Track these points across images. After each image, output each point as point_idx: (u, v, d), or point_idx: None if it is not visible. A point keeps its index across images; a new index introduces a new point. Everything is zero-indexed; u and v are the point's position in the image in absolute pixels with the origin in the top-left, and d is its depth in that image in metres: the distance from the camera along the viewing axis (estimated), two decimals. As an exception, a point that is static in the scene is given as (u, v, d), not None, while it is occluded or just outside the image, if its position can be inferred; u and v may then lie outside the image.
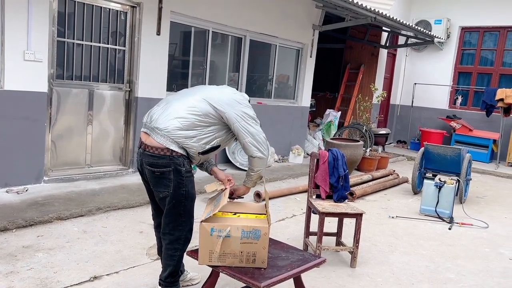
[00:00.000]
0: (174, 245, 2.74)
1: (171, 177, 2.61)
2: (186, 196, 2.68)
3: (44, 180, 5.09)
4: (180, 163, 2.62)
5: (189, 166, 2.69)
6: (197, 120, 2.62)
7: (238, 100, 2.70)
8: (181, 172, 2.63)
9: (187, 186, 2.67)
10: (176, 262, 2.77)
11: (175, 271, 2.80)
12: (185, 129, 2.61)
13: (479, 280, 3.71)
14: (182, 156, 2.63)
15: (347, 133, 9.31)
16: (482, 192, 7.38)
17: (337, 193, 3.94)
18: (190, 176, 2.70)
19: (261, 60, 8.26)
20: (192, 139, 2.62)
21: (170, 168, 2.61)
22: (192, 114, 2.62)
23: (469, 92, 11.49)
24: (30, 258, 3.35)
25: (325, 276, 3.49)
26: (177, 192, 2.64)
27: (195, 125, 2.62)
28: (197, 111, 2.63)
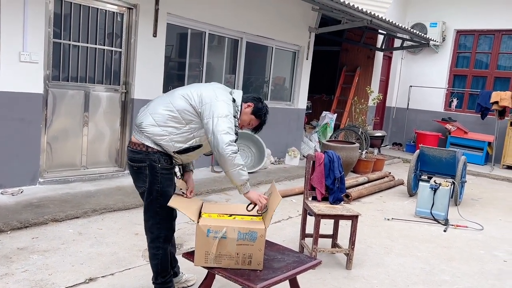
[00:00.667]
0: (155, 243, 2.75)
1: (147, 173, 2.63)
2: (161, 193, 2.65)
3: (40, 182, 5.07)
4: (156, 159, 2.61)
5: (167, 163, 2.64)
6: (171, 117, 2.60)
7: (214, 97, 2.60)
8: (156, 168, 2.61)
9: (162, 183, 2.64)
10: (160, 261, 2.76)
11: (162, 270, 2.79)
12: (158, 126, 2.60)
13: (474, 282, 3.73)
14: (158, 152, 2.61)
15: (343, 135, 9.33)
16: (477, 194, 7.42)
17: (333, 195, 3.94)
18: (166, 174, 2.65)
19: (257, 62, 8.27)
20: (164, 137, 2.59)
21: (145, 164, 2.62)
22: (167, 111, 2.61)
23: (464, 94, 11.55)
24: (25, 260, 3.33)
25: (321, 278, 3.50)
26: (152, 188, 2.65)
27: (169, 123, 2.60)
28: (172, 107, 2.61)
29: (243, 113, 2.77)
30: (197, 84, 2.89)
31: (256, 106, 2.80)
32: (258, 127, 2.88)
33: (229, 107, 2.61)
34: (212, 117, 2.54)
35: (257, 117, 2.81)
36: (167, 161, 2.64)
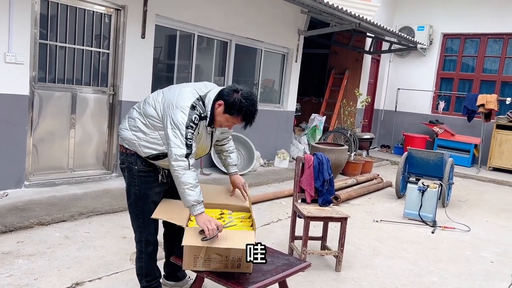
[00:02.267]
0: (138, 246, 2.77)
1: (126, 174, 2.66)
2: (139, 196, 2.61)
3: (25, 185, 4.99)
4: (132, 161, 2.59)
5: (144, 166, 2.58)
6: (141, 122, 2.55)
7: (173, 104, 2.41)
8: (132, 170, 2.60)
9: (140, 186, 2.60)
10: (144, 264, 2.74)
11: (146, 274, 2.76)
12: (129, 130, 2.59)
13: (461, 283, 3.76)
14: (136, 154, 2.59)
15: (332, 138, 9.37)
16: (464, 196, 7.50)
17: (322, 197, 3.95)
18: (144, 176, 2.59)
19: (246, 64, 8.27)
20: (134, 141, 2.55)
21: (124, 165, 2.65)
22: (139, 115, 2.58)
23: (451, 97, 11.69)
24: (10, 265, 3.27)
25: (310, 281, 3.49)
26: (130, 191, 2.65)
27: (139, 127, 2.55)
28: (142, 113, 2.57)
29: (216, 114, 2.48)
30: (169, 87, 2.66)
31: (227, 102, 2.43)
32: (245, 122, 2.48)
33: (184, 116, 2.36)
34: (167, 127, 2.40)
35: (231, 114, 2.44)
36: (145, 164, 2.59)
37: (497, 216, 6.31)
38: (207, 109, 2.47)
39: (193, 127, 2.39)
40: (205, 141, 2.61)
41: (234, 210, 2.84)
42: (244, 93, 2.44)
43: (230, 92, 2.46)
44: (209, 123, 2.51)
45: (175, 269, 3.02)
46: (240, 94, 2.44)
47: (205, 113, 2.47)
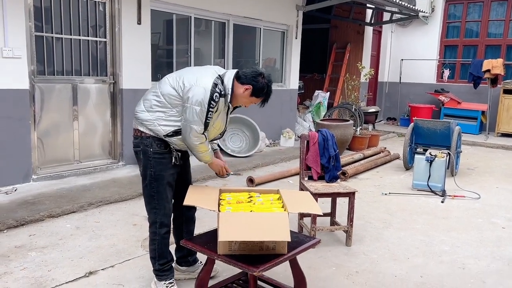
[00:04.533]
0: (152, 228, 2.79)
1: (141, 157, 2.72)
2: (155, 178, 2.69)
3: (33, 179, 5.02)
4: (148, 144, 2.67)
5: (159, 148, 2.67)
6: (157, 101, 2.64)
7: (194, 82, 2.55)
8: (148, 153, 2.68)
9: (155, 168, 2.68)
10: (157, 247, 2.77)
11: (159, 256, 2.79)
12: (147, 111, 2.67)
13: (473, 251, 3.75)
14: (151, 137, 2.67)
15: (336, 114, 9.30)
16: (473, 163, 7.44)
17: (329, 174, 3.93)
18: (159, 158, 2.68)
19: (246, 44, 8.16)
20: (153, 121, 2.65)
21: (139, 149, 2.72)
22: (154, 96, 2.67)
23: (456, 65, 11.51)
24: (23, 258, 3.31)
25: (321, 256, 3.50)
26: (146, 173, 2.72)
27: (156, 107, 2.64)
28: (158, 93, 2.66)
29: (240, 96, 2.65)
30: (187, 68, 2.86)
31: (256, 87, 2.64)
32: (265, 102, 2.76)
33: (206, 94, 2.51)
34: (187, 103, 2.54)
35: (259, 97, 2.70)
36: (160, 146, 2.67)
37: (507, 182, 6.26)
38: (227, 88, 2.61)
39: (213, 105, 2.54)
40: (222, 119, 2.73)
41: (262, 193, 2.82)
42: (267, 77, 2.68)
43: (255, 76, 2.64)
44: (230, 100, 2.66)
45: (187, 254, 3.04)
46: (264, 78, 2.66)
47: (225, 91, 2.60)
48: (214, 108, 2.55)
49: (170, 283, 2.82)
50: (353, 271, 3.28)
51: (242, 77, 2.64)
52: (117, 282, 3.00)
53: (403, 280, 3.17)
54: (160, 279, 2.82)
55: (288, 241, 2.47)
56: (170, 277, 2.83)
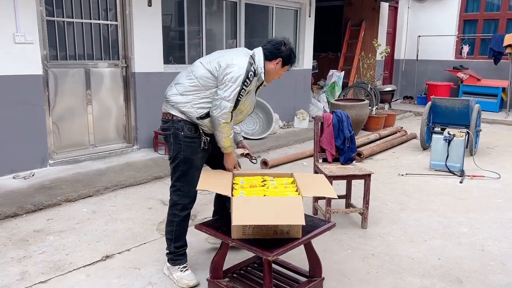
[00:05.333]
0: (172, 210, 2.81)
1: (171, 140, 2.74)
2: (184, 161, 2.72)
3: (50, 164, 5.08)
4: (179, 128, 2.70)
5: (190, 132, 2.71)
6: (192, 84, 2.68)
7: (230, 61, 2.63)
8: (179, 136, 2.71)
9: (185, 151, 2.71)
10: (175, 228, 2.78)
11: (175, 238, 2.80)
12: (180, 94, 2.70)
13: (492, 232, 3.67)
14: (182, 120, 2.70)
15: (352, 93, 9.14)
16: (493, 142, 7.27)
17: (344, 155, 3.86)
18: (190, 142, 2.72)
19: (258, 24, 8.02)
20: (186, 104, 2.68)
21: (170, 132, 2.74)
22: (188, 79, 2.71)
23: (476, 40, 11.15)
24: (42, 242, 3.37)
25: (337, 239, 3.48)
26: (175, 156, 2.74)
27: (190, 90, 2.68)
28: (192, 75, 2.70)
29: (272, 71, 2.75)
30: (218, 51, 2.91)
31: (284, 57, 2.73)
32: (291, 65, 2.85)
33: (242, 72, 2.58)
34: (223, 81, 2.60)
35: (288, 64, 2.78)
36: (191, 130, 2.71)
37: (528, 160, 6.10)
38: (259, 67, 2.67)
39: (248, 83, 2.61)
40: (252, 98, 2.78)
41: (275, 176, 2.79)
42: (287, 42, 2.75)
43: (278, 48, 2.71)
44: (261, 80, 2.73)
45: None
46: (286, 45, 2.73)
47: (257, 70, 2.67)
48: (248, 86, 2.62)
49: (184, 267, 2.83)
50: (369, 254, 3.25)
51: (268, 54, 2.71)
52: (133, 265, 3.03)
53: (420, 263, 3.12)
54: (173, 264, 2.83)
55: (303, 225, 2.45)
56: (184, 261, 2.85)
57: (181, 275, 2.79)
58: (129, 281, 2.83)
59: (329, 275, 2.88)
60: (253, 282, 2.69)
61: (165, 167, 5.20)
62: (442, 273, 2.99)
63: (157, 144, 5.90)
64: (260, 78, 2.70)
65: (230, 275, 2.75)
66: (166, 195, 4.42)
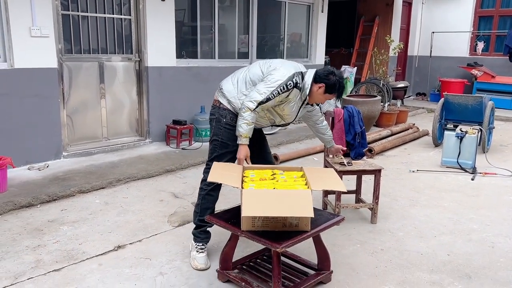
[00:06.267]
0: (201, 184, 3.04)
1: (214, 124, 2.98)
2: (221, 145, 2.94)
3: (64, 156, 5.17)
4: (223, 115, 2.92)
5: (232, 121, 2.89)
6: (244, 78, 2.92)
7: (279, 65, 2.85)
8: (221, 122, 2.92)
9: (223, 136, 2.92)
10: (201, 201, 2.99)
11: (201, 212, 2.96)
12: (232, 84, 2.94)
13: (503, 229, 3.65)
14: (227, 110, 2.91)
15: (364, 89, 9.10)
16: (506, 140, 7.18)
17: (354, 151, 3.87)
18: (229, 129, 2.90)
19: (271, 19, 8.02)
20: (234, 94, 2.90)
21: (214, 116, 2.97)
22: (243, 73, 2.96)
23: (491, 37, 10.99)
24: (56, 232, 3.44)
25: (346, 234, 3.49)
26: (214, 139, 2.97)
27: (241, 83, 2.91)
28: (247, 71, 2.95)
29: (315, 93, 2.88)
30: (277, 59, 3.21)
31: (328, 85, 2.84)
32: (338, 97, 2.98)
33: (282, 78, 2.75)
34: (264, 79, 2.81)
35: (331, 93, 2.88)
36: (232, 119, 2.89)
37: (542, 159, 6.02)
38: (305, 83, 2.84)
39: (283, 89, 2.76)
40: (292, 109, 2.91)
41: (285, 170, 2.82)
42: (337, 74, 2.88)
43: (327, 75, 2.86)
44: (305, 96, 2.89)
45: None
46: (335, 76, 2.86)
47: (302, 85, 2.83)
48: (283, 92, 2.76)
49: (201, 248, 2.96)
50: (378, 249, 3.26)
51: (317, 77, 2.87)
52: (144, 256, 3.08)
53: (429, 258, 3.12)
54: (195, 240, 3.01)
55: (312, 219, 2.47)
56: (204, 241, 3.00)
57: (195, 255, 2.95)
58: (140, 270, 2.88)
59: (337, 268, 2.90)
60: (262, 274, 2.72)
61: (177, 161, 5.26)
62: (451, 268, 2.99)
63: (169, 138, 5.97)
64: (304, 93, 2.86)
65: (239, 267, 2.79)
66: (177, 188, 4.50)
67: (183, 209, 3.95)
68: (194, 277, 2.82)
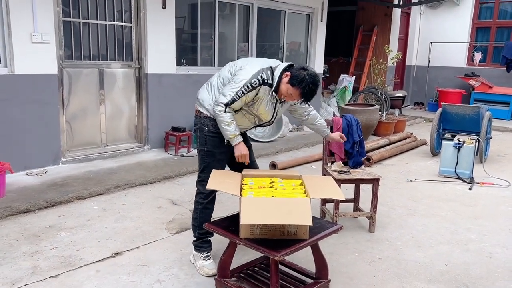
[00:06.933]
0: (197, 198, 3.02)
1: (198, 134, 2.98)
2: (207, 154, 2.93)
3: (62, 161, 5.17)
4: (205, 123, 2.91)
5: (214, 128, 2.87)
6: (216, 83, 2.90)
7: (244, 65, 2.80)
8: (204, 131, 2.92)
9: (208, 145, 2.92)
10: (198, 216, 2.97)
11: (200, 225, 2.94)
12: (207, 91, 2.93)
13: (501, 239, 3.66)
14: (208, 117, 2.90)
15: (362, 98, 9.14)
16: (504, 150, 7.21)
17: (353, 159, 3.88)
18: (213, 137, 2.90)
19: (270, 28, 8.07)
20: (209, 101, 2.89)
21: (197, 126, 2.97)
22: (215, 78, 2.95)
23: (488, 47, 11.08)
24: (53, 238, 3.43)
25: (344, 242, 3.49)
26: (200, 148, 2.98)
27: (215, 88, 2.90)
28: (218, 76, 2.94)
29: (282, 84, 2.76)
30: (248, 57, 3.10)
31: (293, 74, 2.70)
32: (303, 97, 2.73)
33: (246, 77, 2.71)
34: (230, 80, 2.79)
35: (293, 85, 2.70)
36: (215, 126, 2.87)
37: (539, 169, 6.05)
38: (274, 78, 2.75)
39: (248, 88, 2.71)
40: (265, 107, 2.84)
41: (284, 178, 2.82)
42: (310, 72, 2.72)
43: (298, 67, 2.75)
44: (275, 90, 2.78)
45: None
46: (306, 72, 2.70)
47: (271, 81, 2.75)
48: (249, 91, 2.71)
49: (207, 256, 2.99)
50: (376, 258, 3.26)
51: (288, 67, 2.78)
52: (142, 262, 3.08)
53: (427, 268, 3.13)
54: (198, 251, 3.01)
55: (310, 227, 2.47)
56: (207, 250, 3.01)
57: (203, 263, 2.96)
58: (138, 277, 2.88)
59: (335, 277, 2.90)
60: (260, 282, 2.72)
61: (175, 167, 5.26)
62: (448, 278, 2.99)
63: (168, 145, 5.97)
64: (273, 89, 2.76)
65: (237, 275, 2.78)
66: (175, 195, 4.50)
67: (181, 216, 3.95)
68: (191, 285, 2.81)
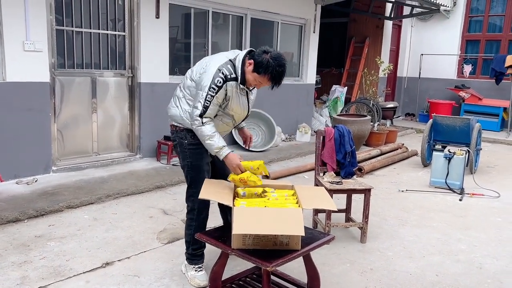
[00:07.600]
0: (189, 215, 2.93)
1: (178, 150, 2.88)
2: (192, 167, 2.83)
3: (53, 170, 5.13)
4: (182, 136, 2.81)
5: (193, 139, 2.77)
6: (182, 95, 2.80)
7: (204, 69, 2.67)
8: (183, 145, 2.82)
9: (191, 158, 2.82)
10: (193, 232, 2.87)
11: (193, 242, 2.88)
12: (176, 106, 2.83)
13: (491, 250, 3.69)
14: (184, 130, 2.80)
15: (354, 109, 9.21)
16: (493, 161, 7.30)
17: (345, 170, 3.90)
18: (194, 149, 2.80)
19: (263, 38, 8.13)
20: (180, 116, 2.78)
21: (176, 142, 2.87)
22: (179, 91, 2.84)
23: (478, 60, 11.26)
24: (43, 247, 3.39)
25: (336, 253, 3.50)
26: (183, 163, 2.88)
27: (182, 101, 2.79)
28: (182, 87, 2.83)
29: (247, 73, 2.63)
30: (204, 58, 2.93)
31: (256, 61, 2.57)
32: (271, 82, 2.61)
33: (209, 79, 2.58)
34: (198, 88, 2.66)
35: (259, 73, 2.58)
36: (194, 137, 2.76)
37: (528, 180, 6.12)
38: (237, 70, 2.63)
39: (215, 89, 2.59)
40: (239, 103, 2.74)
41: (276, 188, 2.83)
42: (273, 54, 2.58)
43: (260, 52, 2.60)
44: (241, 82, 2.66)
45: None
46: (269, 55, 2.57)
47: (234, 74, 2.62)
48: (216, 92, 2.59)
49: (199, 267, 2.95)
50: (367, 268, 3.26)
51: (251, 54, 2.64)
52: (132, 273, 3.05)
53: (418, 278, 3.14)
54: (190, 263, 2.97)
55: (302, 237, 2.48)
56: (200, 262, 2.98)
57: (195, 274, 2.93)
58: (129, 288, 2.85)
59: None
60: (252, 292, 2.71)
61: (167, 177, 5.24)
62: (439, 289, 3.00)
63: (160, 154, 5.95)
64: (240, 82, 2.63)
65: (228, 285, 2.77)
66: (167, 205, 4.48)
67: (173, 226, 3.93)
68: (183, 296, 2.79)
